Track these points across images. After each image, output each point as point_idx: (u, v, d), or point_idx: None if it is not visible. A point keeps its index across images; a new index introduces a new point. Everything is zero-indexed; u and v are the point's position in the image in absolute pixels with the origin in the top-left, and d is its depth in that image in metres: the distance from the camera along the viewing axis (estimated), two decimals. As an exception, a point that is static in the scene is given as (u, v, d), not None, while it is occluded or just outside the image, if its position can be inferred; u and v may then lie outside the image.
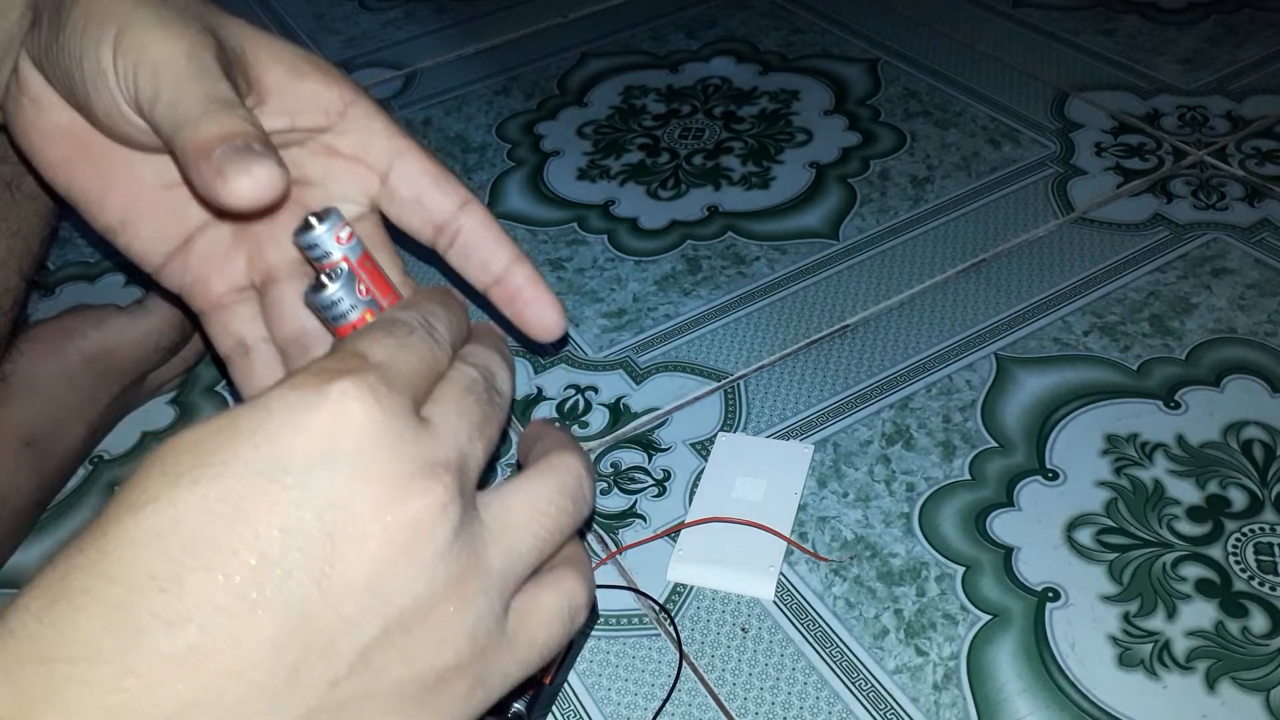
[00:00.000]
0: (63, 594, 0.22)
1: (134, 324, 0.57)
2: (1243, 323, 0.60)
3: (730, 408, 0.58)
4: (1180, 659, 0.44)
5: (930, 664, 0.45)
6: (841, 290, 0.64)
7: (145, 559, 0.22)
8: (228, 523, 0.22)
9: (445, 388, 0.27)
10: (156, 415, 0.60)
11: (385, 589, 0.24)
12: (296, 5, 1.02)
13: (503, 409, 0.29)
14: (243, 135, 0.28)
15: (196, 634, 0.22)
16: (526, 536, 0.27)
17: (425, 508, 0.24)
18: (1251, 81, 0.79)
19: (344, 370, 0.24)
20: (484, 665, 0.26)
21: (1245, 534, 0.49)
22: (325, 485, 0.23)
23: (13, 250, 0.47)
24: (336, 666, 0.23)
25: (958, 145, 0.76)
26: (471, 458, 0.26)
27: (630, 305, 0.65)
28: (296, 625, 0.23)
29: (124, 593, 0.22)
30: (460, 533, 0.25)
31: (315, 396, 0.24)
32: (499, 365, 0.30)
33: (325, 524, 0.23)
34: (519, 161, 0.78)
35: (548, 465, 0.29)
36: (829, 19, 0.92)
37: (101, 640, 0.21)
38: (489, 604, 0.26)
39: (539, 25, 0.95)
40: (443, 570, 0.25)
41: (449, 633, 0.25)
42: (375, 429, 0.24)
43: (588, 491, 0.30)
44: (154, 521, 0.22)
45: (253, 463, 0.23)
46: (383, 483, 0.24)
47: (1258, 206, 0.68)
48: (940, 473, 0.53)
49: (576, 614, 0.30)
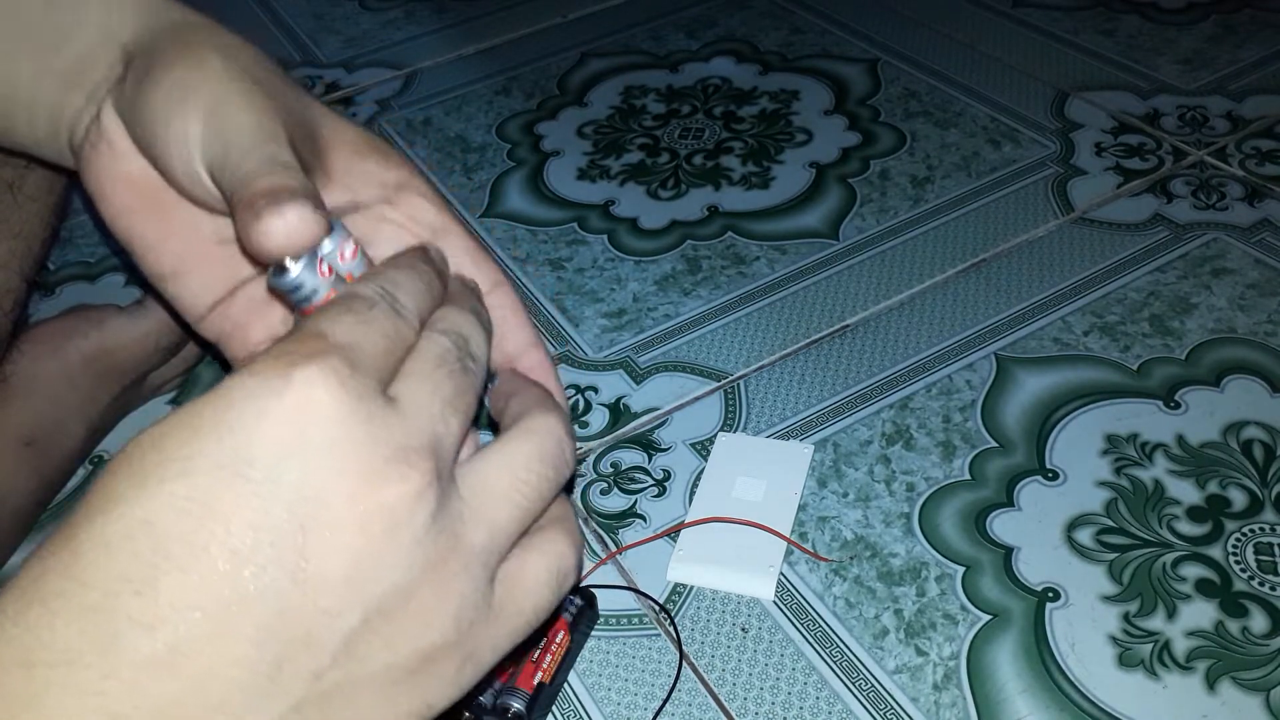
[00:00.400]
0: (37, 597, 0.22)
1: (134, 324, 0.57)
2: (1243, 323, 0.60)
3: (730, 408, 0.58)
4: (1180, 659, 0.44)
5: (930, 664, 0.45)
6: (841, 290, 0.64)
7: (118, 561, 0.22)
8: (197, 520, 0.22)
9: (414, 362, 0.27)
10: (156, 415, 0.60)
11: (363, 579, 0.24)
12: (296, 5, 1.02)
13: (478, 375, 0.28)
14: (289, 190, 0.28)
15: (174, 635, 0.22)
16: (507, 507, 0.27)
17: (400, 495, 0.24)
18: (1251, 81, 0.79)
19: (306, 354, 0.24)
20: (472, 641, 0.26)
21: (1245, 534, 0.49)
22: (294, 477, 0.23)
23: (14, 251, 0.47)
24: (319, 658, 0.23)
25: (958, 145, 0.76)
26: (446, 435, 0.26)
27: (630, 305, 0.65)
28: (275, 621, 0.23)
29: (99, 597, 0.22)
30: (438, 515, 0.25)
31: (279, 382, 0.23)
32: (472, 328, 0.29)
33: (296, 517, 0.23)
34: (519, 161, 0.78)
35: (525, 429, 0.29)
36: (829, 19, 0.92)
37: (80, 644, 0.21)
38: (472, 581, 0.26)
39: (539, 25, 0.95)
40: (421, 554, 0.24)
41: (432, 615, 0.25)
42: (343, 415, 0.23)
43: (568, 452, 0.29)
44: (123, 523, 0.22)
45: (218, 457, 0.23)
46: (354, 471, 0.23)
47: (1258, 206, 0.68)
48: (940, 473, 0.53)
49: (566, 576, 0.29)
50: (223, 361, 0.37)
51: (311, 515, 0.23)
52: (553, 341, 0.63)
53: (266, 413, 0.23)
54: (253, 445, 0.23)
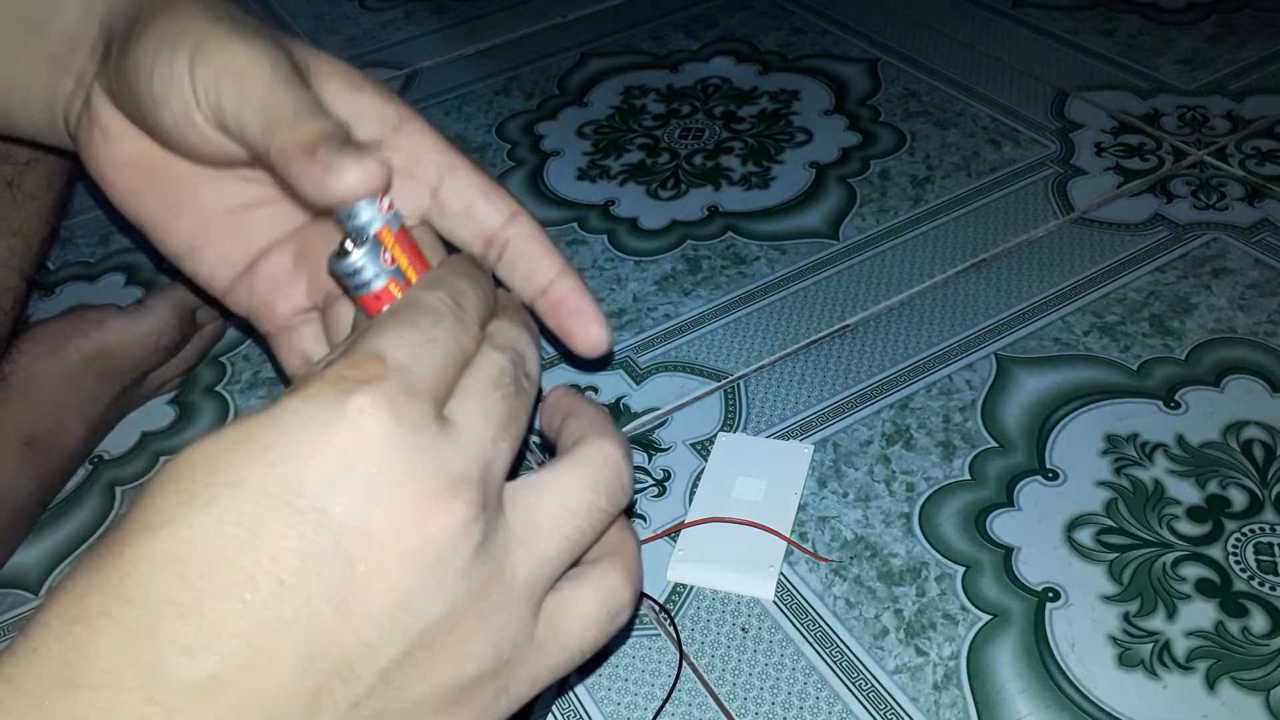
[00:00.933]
0: (82, 614, 0.22)
1: (134, 324, 0.57)
2: (1243, 323, 0.60)
3: (730, 408, 0.58)
4: (1180, 659, 0.44)
5: (930, 664, 0.45)
6: (841, 290, 0.64)
7: (163, 583, 0.22)
8: (243, 546, 0.22)
9: (472, 381, 0.26)
10: (156, 415, 0.60)
11: (406, 612, 0.23)
12: (296, 5, 1.02)
13: (531, 395, 0.28)
14: (341, 134, 0.28)
15: (217, 663, 0.21)
16: (556, 539, 0.26)
17: (446, 527, 0.24)
18: (1251, 81, 0.79)
19: (362, 380, 0.23)
20: (509, 673, 0.26)
21: (1245, 534, 0.49)
22: (342, 508, 0.23)
23: (13, 250, 0.47)
24: (357, 689, 0.23)
25: (958, 145, 0.76)
26: (496, 460, 0.25)
27: (630, 305, 0.65)
28: (317, 651, 0.22)
29: (143, 618, 0.21)
30: (483, 546, 0.24)
31: (332, 412, 0.23)
32: (527, 345, 0.28)
33: (343, 548, 0.23)
34: (519, 161, 0.78)
35: (581, 457, 0.28)
36: (829, 19, 0.92)
37: (123, 667, 0.21)
38: (513, 614, 0.25)
39: (539, 25, 0.95)
40: (465, 587, 0.24)
41: (471, 646, 0.25)
42: (394, 447, 0.23)
43: (625, 480, 0.28)
44: (170, 544, 0.22)
45: (267, 484, 0.22)
46: (402, 503, 0.23)
47: (1258, 206, 0.68)
48: (940, 473, 0.53)
49: (617, 614, 0.28)
50: (252, 332, 0.37)
51: (357, 547, 0.23)
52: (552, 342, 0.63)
53: (318, 441, 0.23)
54: (303, 473, 0.23)
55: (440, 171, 0.34)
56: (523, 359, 0.28)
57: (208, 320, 0.61)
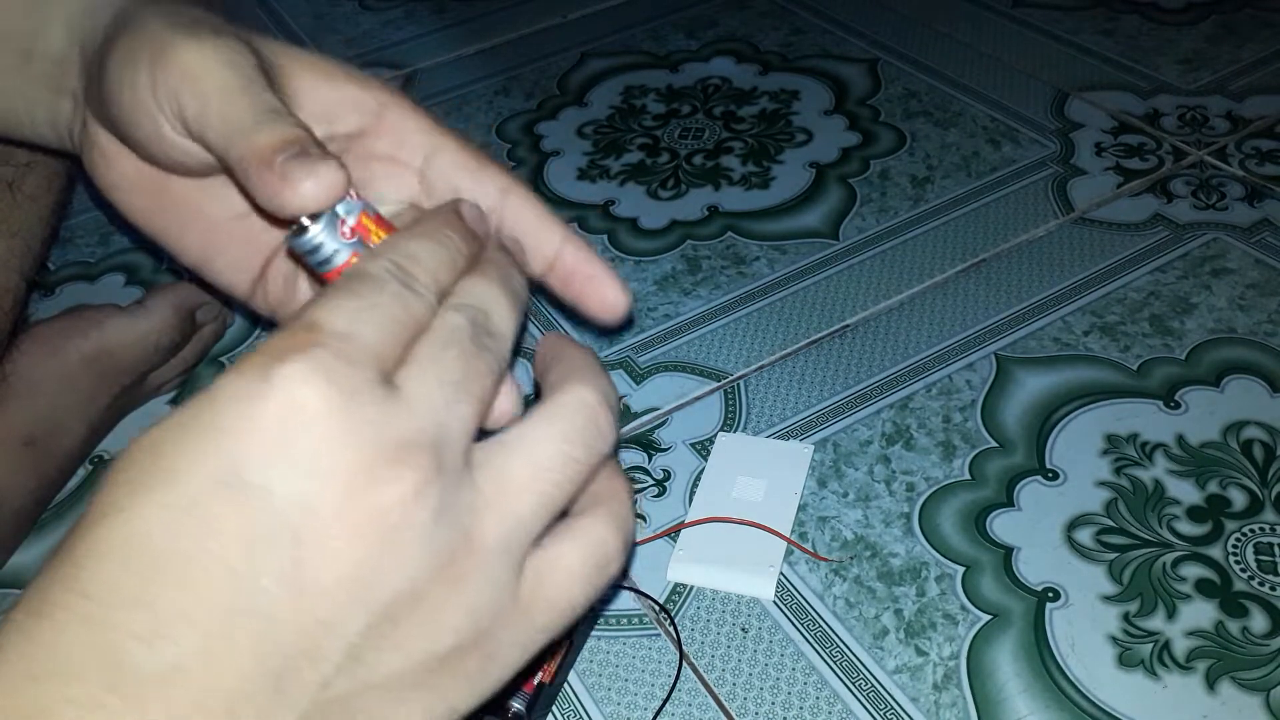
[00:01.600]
0: (42, 608, 0.22)
1: (134, 324, 0.57)
2: (1243, 323, 0.60)
3: (730, 408, 0.58)
4: (1180, 659, 0.44)
5: (930, 664, 0.45)
6: (841, 290, 0.64)
7: (115, 574, 0.21)
8: (188, 533, 0.22)
9: (423, 344, 0.25)
10: (157, 415, 0.60)
11: (363, 586, 0.23)
12: (296, 5, 1.02)
13: (497, 353, 0.26)
14: (298, 141, 0.27)
15: (175, 652, 0.21)
16: (527, 497, 0.25)
17: (396, 496, 0.23)
18: (1251, 81, 0.79)
19: (291, 349, 0.22)
20: (493, 640, 0.25)
21: (1245, 534, 0.49)
22: (284, 485, 0.22)
23: (13, 250, 0.47)
24: (323, 668, 0.23)
25: (958, 145, 0.76)
26: (452, 424, 0.24)
27: (630, 305, 0.65)
28: (274, 633, 0.22)
29: (99, 610, 0.21)
30: (443, 513, 0.23)
31: (261, 384, 0.22)
32: (495, 300, 0.27)
33: (288, 526, 0.22)
34: (519, 161, 0.78)
35: (554, 405, 0.26)
36: (829, 19, 0.92)
37: (84, 658, 0.21)
38: (488, 579, 0.24)
39: (539, 25, 0.95)
40: (427, 556, 0.23)
41: (444, 616, 0.24)
42: (331, 415, 0.22)
43: (604, 425, 0.27)
44: (120, 534, 0.22)
45: (208, 466, 0.22)
46: (346, 474, 0.22)
47: (1258, 206, 0.68)
48: (940, 473, 0.53)
49: (606, 566, 0.27)
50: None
51: (304, 524, 0.22)
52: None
53: (252, 417, 0.22)
54: (241, 453, 0.22)
55: (425, 154, 0.33)
56: (486, 315, 0.26)
57: (208, 320, 0.61)
